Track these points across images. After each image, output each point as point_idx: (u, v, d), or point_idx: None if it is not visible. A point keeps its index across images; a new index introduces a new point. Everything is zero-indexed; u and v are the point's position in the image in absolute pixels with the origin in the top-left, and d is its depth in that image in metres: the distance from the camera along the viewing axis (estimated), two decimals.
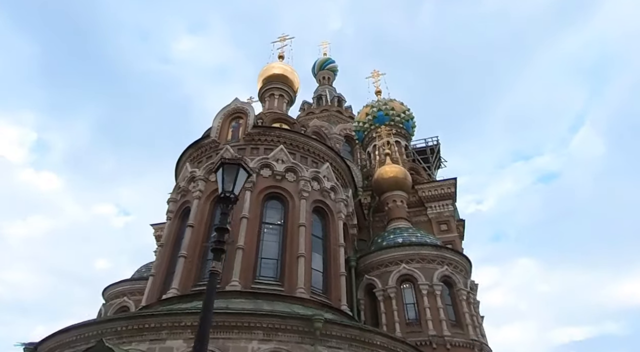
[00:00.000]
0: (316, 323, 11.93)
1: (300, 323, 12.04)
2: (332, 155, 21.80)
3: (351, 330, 12.75)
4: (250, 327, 11.79)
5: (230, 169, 6.74)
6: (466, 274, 20.31)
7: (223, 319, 11.81)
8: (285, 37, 33.39)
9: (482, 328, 19.46)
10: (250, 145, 20.41)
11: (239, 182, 6.77)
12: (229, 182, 6.68)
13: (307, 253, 17.46)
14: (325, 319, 12.17)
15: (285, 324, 11.99)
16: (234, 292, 15.20)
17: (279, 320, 11.95)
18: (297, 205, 18.70)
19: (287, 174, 19.46)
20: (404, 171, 25.42)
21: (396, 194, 24.77)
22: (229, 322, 11.79)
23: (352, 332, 12.73)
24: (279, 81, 28.10)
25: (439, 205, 26.76)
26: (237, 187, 6.81)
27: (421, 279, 18.62)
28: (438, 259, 19.51)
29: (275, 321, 11.92)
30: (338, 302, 17.52)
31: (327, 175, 20.76)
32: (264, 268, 17.08)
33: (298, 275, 16.50)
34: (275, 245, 17.84)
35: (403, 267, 19.16)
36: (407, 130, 35.04)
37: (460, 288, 18.96)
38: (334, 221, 20.08)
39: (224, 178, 6.67)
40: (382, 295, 18.86)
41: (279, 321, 11.95)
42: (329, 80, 52.18)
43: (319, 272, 18.30)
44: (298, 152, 20.71)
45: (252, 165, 19.03)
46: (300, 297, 15.73)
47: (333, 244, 19.31)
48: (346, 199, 21.55)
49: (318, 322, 11.94)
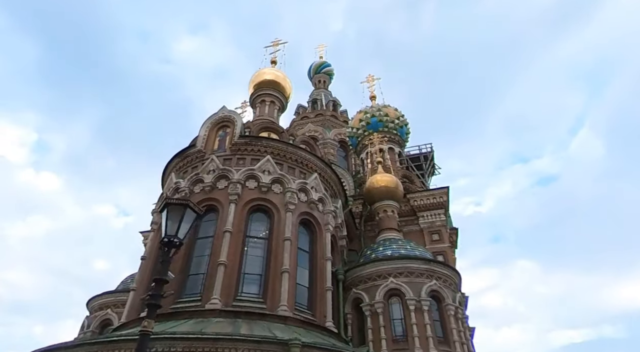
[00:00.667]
0: (293, 348, 11.38)
1: (277, 348, 11.49)
2: (320, 166, 21.24)
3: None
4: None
5: (175, 210, 6.11)
6: (455, 288, 19.75)
7: (196, 344, 11.22)
8: (278, 42, 32.67)
9: (470, 344, 18.87)
10: (236, 155, 19.84)
11: (184, 225, 6.12)
12: (173, 225, 6.04)
13: (291, 268, 16.91)
14: (302, 344, 11.61)
15: (261, 349, 11.44)
16: (214, 311, 14.65)
17: (254, 345, 11.40)
18: (282, 218, 18.14)
19: (273, 185, 18.93)
20: (395, 180, 24.84)
21: (387, 203, 24.20)
22: (202, 348, 11.20)
23: None
24: (270, 87, 27.47)
25: (430, 214, 26.18)
26: (182, 231, 6.15)
27: (409, 294, 18.06)
28: (427, 273, 18.95)
29: (251, 346, 11.37)
30: (323, 318, 16.97)
31: (315, 186, 20.21)
32: (247, 284, 16.50)
33: (281, 292, 15.94)
34: (259, 260, 17.27)
35: (391, 281, 18.60)
36: (401, 137, 34.45)
37: (448, 303, 18.40)
38: (322, 233, 19.52)
39: (167, 221, 6.03)
40: (369, 310, 18.31)
41: (254, 346, 11.40)
42: (324, 84, 51.60)
43: (304, 288, 17.74)
44: (285, 162, 20.17)
45: (238, 176, 18.56)
46: (283, 316, 15.19)
47: (320, 258, 18.76)
48: (335, 210, 20.99)
49: (295, 347, 11.40)
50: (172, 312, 15.18)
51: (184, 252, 17.33)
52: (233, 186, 18.23)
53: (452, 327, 17.82)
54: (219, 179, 18.74)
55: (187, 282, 16.62)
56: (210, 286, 15.54)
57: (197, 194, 18.76)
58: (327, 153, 39.07)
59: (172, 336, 11.12)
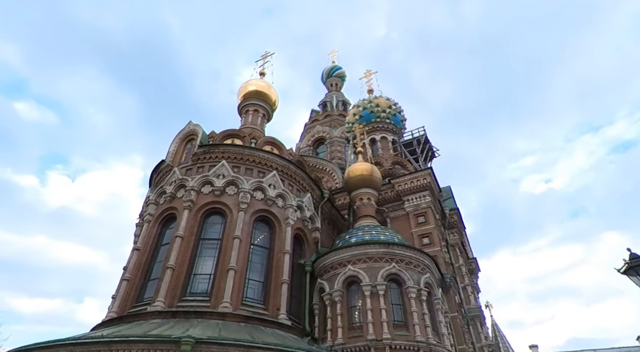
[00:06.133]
0: (184, 346, 10.58)
1: (170, 346, 10.74)
2: (281, 163, 20.29)
3: (232, 349, 11.19)
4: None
5: None
6: (424, 269, 17.67)
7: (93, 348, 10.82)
8: (267, 55, 32.39)
9: (441, 326, 16.70)
10: (197, 164, 19.57)
11: None
12: None
13: (240, 265, 16.17)
14: (196, 340, 10.76)
15: (154, 348, 10.76)
16: (154, 313, 14.30)
17: (148, 345, 10.75)
18: (235, 217, 17.47)
19: (227, 188, 18.36)
20: (370, 168, 23.07)
21: (363, 191, 22.54)
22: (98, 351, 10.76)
23: (232, 351, 11.17)
24: (254, 97, 27.07)
25: (415, 197, 24.04)
26: None
27: (365, 280, 16.43)
28: (386, 257, 17.17)
29: (144, 346, 10.74)
30: (276, 312, 15.96)
31: (274, 183, 19.32)
32: (196, 285, 15.98)
33: (225, 288, 15.23)
34: (211, 260, 16.67)
35: (349, 268, 17.08)
36: (395, 125, 32.32)
37: (409, 286, 16.46)
38: (281, 228, 18.54)
39: None
40: (329, 299, 16.93)
41: (147, 346, 10.75)
42: (337, 87, 50.42)
43: (258, 283, 16.87)
44: (243, 164, 19.53)
45: (192, 184, 18.25)
46: (222, 312, 14.44)
47: (277, 252, 17.81)
48: (299, 204, 19.90)
49: (186, 345, 10.59)
50: (126, 315, 15.11)
51: (148, 259, 17.39)
52: (187, 193, 17.93)
53: (413, 310, 15.86)
54: (178, 189, 18.55)
55: (147, 286, 16.47)
56: (158, 289, 15.24)
57: (162, 205, 18.72)
58: (334, 151, 37.93)
59: (73, 342, 10.81)
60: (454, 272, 24.44)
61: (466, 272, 26.28)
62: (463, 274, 25.09)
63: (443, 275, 19.90)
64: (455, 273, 24.60)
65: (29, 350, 11.18)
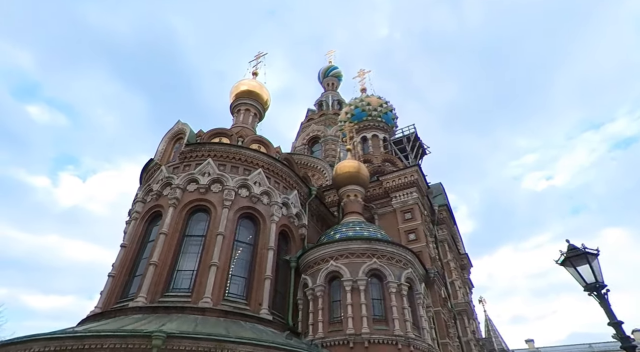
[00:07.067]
0: (155, 340, 10.63)
1: (141, 341, 10.79)
2: (267, 161, 20.29)
3: (204, 343, 11.21)
4: (91, 350, 10.75)
5: None
6: (406, 264, 17.60)
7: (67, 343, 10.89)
8: (260, 55, 32.43)
9: (422, 320, 16.62)
10: (184, 163, 19.62)
11: None
12: None
13: (222, 261, 16.19)
14: (167, 334, 10.80)
15: (127, 343, 10.81)
16: (135, 309, 14.36)
17: (120, 340, 10.81)
18: (219, 214, 17.49)
19: (212, 185, 18.40)
20: (358, 165, 23.02)
21: (350, 188, 22.50)
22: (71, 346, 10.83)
23: (205, 345, 11.20)
24: (246, 97, 27.12)
25: (402, 194, 23.93)
26: None
27: (346, 275, 16.42)
28: (368, 253, 17.13)
29: (117, 341, 10.80)
30: (258, 307, 15.97)
31: (259, 181, 19.33)
32: (179, 281, 16.02)
33: (207, 284, 15.27)
34: (194, 256, 16.70)
35: (331, 264, 17.07)
36: (386, 123, 32.19)
37: (389, 281, 16.41)
38: (265, 225, 18.54)
39: None
40: (312, 294, 16.92)
41: (120, 340, 10.81)
42: (333, 86, 50.29)
43: (242, 278, 16.90)
44: (229, 162, 19.55)
45: (178, 182, 18.27)
46: (202, 308, 14.47)
47: (261, 248, 17.82)
48: (285, 201, 19.90)
49: (157, 339, 10.64)
50: (109, 311, 15.19)
51: (133, 256, 17.47)
52: (172, 191, 17.98)
53: (393, 305, 15.82)
54: (164, 187, 18.61)
55: (132, 283, 16.55)
56: (141, 285, 15.31)
57: (148, 203, 18.80)
58: (328, 149, 37.86)
59: (47, 337, 10.89)
60: (442, 267, 24.34)
61: (455, 268, 26.14)
62: (451, 269, 24.95)
63: (427, 270, 19.81)
64: (444, 268, 24.51)
65: (5, 345, 11.28)
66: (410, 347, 14.97)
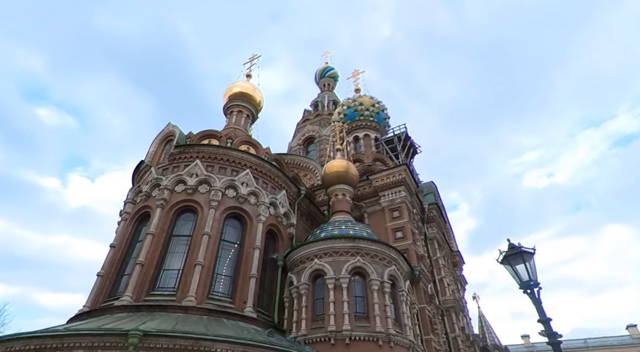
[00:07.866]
0: (131, 339, 10.79)
1: (118, 339, 10.96)
2: (255, 162, 20.42)
3: (181, 341, 11.36)
4: (70, 348, 10.94)
5: None
6: (390, 262, 17.66)
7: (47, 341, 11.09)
8: (254, 58, 32.54)
9: (404, 317, 16.68)
10: (173, 164, 19.82)
11: None
12: None
13: (207, 260, 16.35)
14: (144, 333, 10.96)
15: (104, 341, 10.98)
16: (120, 307, 14.57)
17: (97, 338, 10.98)
18: (205, 214, 17.65)
19: (199, 186, 18.57)
20: (346, 165, 23.09)
21: (338, 187, 22.59)
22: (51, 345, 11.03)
23: (182, 343, 11.34)
24: (239, 99, 27.23)
25: (391, 192, 23.98)
26: None
27: (329, 273, 16.53)
28: (352, 251, 17.23)
29: (94, 339, 10.97)
30: (243, 305, 16.11)
31: (247, 181, 19.46)
32: (165, 280, 16.21)
33: (191, 283, 15.43)
34: (181, 256, 16.88)
35: (315, 262, 17.18)
36: (378, 123, 32.23)
37: (372, 279, 16.49)
38: (252, 224, 18.68)
39: None
40: (296, 292, 17.05)
41: (97, 339, 10.98)
42: (329, 87, 50.31)
43: (227, 277, 17.07)
44: (217, 163, 19.70)
45: (166, 183, 18.46)
46: (185, 306, 14.64)
47: (247, 247, 17.96)
48: (273, 201, 20.02)
49: (134, 338, 10.80)
50: (96, 310, 15.42)
51: (122, 255, 17.68)
52: (160, 192, 18.17)
53: (375, 302, 15.90)
54: (153, 188, 18.80)
55: (120, 282, 16.75)
56: (127, 284, 15.52)
57: (138, 204, 19.01)
58: (322, 149, 37.90)
59: (27, 336, 11.10)
60: (431, 264, 24.38)
61: (445, 265, 26.16)
62: (440, 267, 24.97)
63: (412, 268, 19.86)
64: (432, 266, 24.54)
65: None
66: (391, 344, 15.06)
